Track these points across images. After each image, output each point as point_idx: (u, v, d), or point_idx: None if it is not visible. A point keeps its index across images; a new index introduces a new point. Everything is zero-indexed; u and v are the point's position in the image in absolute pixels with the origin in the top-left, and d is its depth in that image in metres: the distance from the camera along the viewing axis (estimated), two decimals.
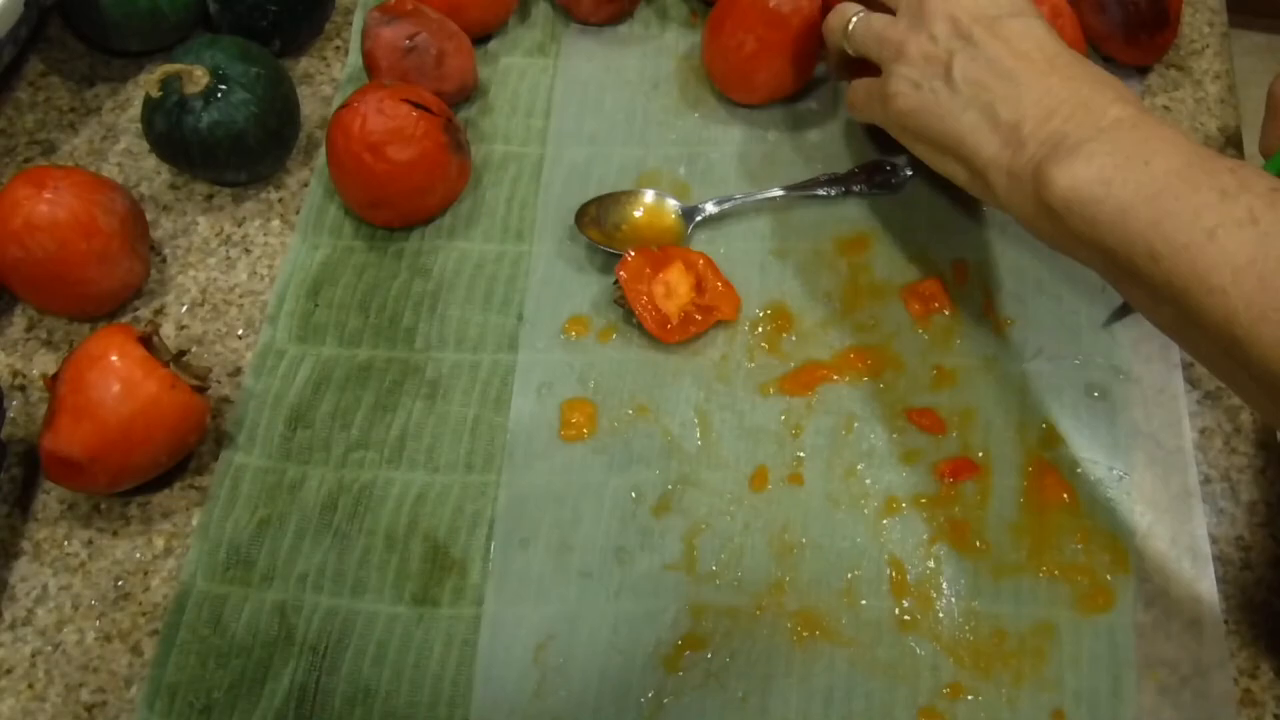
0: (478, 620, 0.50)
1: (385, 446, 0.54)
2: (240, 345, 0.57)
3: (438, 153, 0.57)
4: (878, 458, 0.53)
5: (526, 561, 0.51)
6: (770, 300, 0.58)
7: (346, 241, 0.60)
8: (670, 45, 0.67)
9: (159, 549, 0.52)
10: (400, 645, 0.49)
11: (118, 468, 0.50)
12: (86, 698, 0.49)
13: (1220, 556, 0.51)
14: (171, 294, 0.59)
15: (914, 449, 0.53)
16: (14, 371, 0.57)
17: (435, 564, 0.51)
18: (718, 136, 0.63)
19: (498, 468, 0.53)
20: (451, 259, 0.59)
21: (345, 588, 0.51)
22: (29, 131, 0.65)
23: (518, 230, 0.60)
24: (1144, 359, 0.55)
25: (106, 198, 0.55)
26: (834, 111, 0.64)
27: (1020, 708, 0.47)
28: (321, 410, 0.55)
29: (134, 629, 0.50)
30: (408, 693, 0.48)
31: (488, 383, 0.56)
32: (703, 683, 0.48)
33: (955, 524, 0.51)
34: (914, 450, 0.53)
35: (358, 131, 0.56)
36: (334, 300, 0.58)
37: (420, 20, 0.60)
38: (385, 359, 0.57)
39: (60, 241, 0.53)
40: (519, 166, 0.62)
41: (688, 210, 0.60)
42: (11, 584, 0.51)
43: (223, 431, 0.55)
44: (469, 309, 0.58)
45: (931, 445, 0.53)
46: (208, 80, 0.57)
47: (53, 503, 0.53)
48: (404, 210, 0.59)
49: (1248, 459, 0.53)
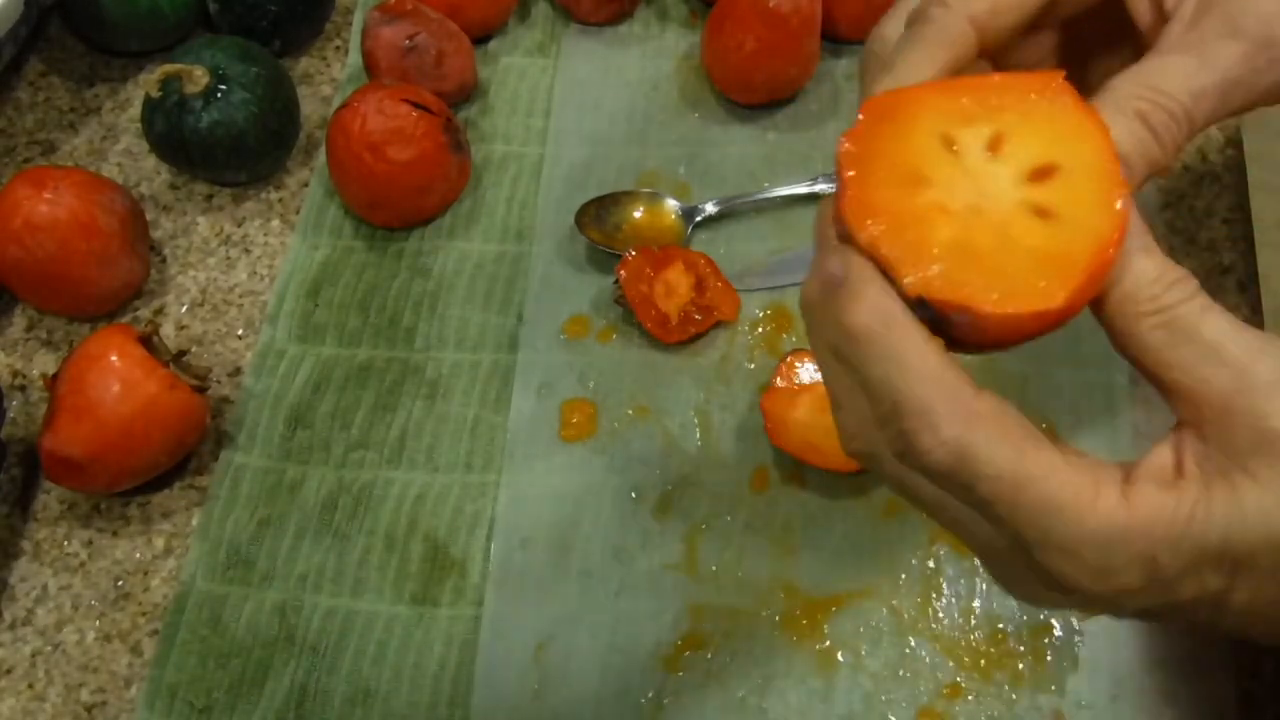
0: (478, 620, 0.50)
1: (385, 446, 0.54)
2: (240, 345, 0.57)
3: (438, 153, 0.57)
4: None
5: (526, 561, 0.51)
6: (770, 300, 0.58)
7: (346, 241, 0.60)
8: (670, 45, 0.67)
9: (159, 549, 0.52)
10: (400, 645, 0.49)
11: (118, 468, 0.50)
12: (86, 698, 0.49)
13: None
14: (171, 294, 0.59)
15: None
16: (14, 371, 0.57)
17: (435, 564, 0.51)
18: (718, 137, 0.63)
19: (498, 468, 0.53)
20: (451, 259, 0.59)
21: (345, 588, 0.51)
22: (29, 131, 0.65)
23: (518, 230, 0.60)
24: None
25: (106, 198, 0.55)
26: (834, 111, 0.64)
27: (1020, 708, 0.47)
28: (321, 410, 0.55)
29: (134, 629, 0.50)
30: (407, 693, 0.48)
31: (488, 383, 0.56)
32: (703, 683, 0.48)
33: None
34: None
35: (358, 131, 0.56)
36: (334, 300, 0.58)
37: (420, 20, 0.60)
38: (385, 359, 0.57)
39: (60, 241, 0.53)
40: (519, 167, 0.62)
41: (688, 210, 0.60)
42: (11, 584, 0.51)
43: (223, 431, 0.55)
44: (469, 309, 0.58)
45: None
46: (208, 80, 0.57)
47: (53, 503, 0.53)
48: (404, 210, 0.59)
49: None
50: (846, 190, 0.29)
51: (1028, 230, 0.28)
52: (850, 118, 0.35)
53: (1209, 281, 0.57)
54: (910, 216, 0.29)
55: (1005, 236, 0.28)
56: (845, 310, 0.29)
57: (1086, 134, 0.30)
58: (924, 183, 0.29)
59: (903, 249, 0.28)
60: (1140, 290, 0.29)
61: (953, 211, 0.29)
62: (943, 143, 0.30)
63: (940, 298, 0.28)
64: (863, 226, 0.29)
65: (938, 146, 0.30)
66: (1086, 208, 0.29)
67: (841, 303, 0.29)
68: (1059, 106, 0.30)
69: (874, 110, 0.30)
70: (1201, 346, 0.28)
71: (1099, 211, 0.28)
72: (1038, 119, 0.30)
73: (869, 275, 0.29)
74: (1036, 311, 0.27)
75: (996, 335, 0.28)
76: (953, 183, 0.29)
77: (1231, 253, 0.58)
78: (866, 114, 0.30)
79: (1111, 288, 0.29)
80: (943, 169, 0.30)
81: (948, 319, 0.28)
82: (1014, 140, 0.30)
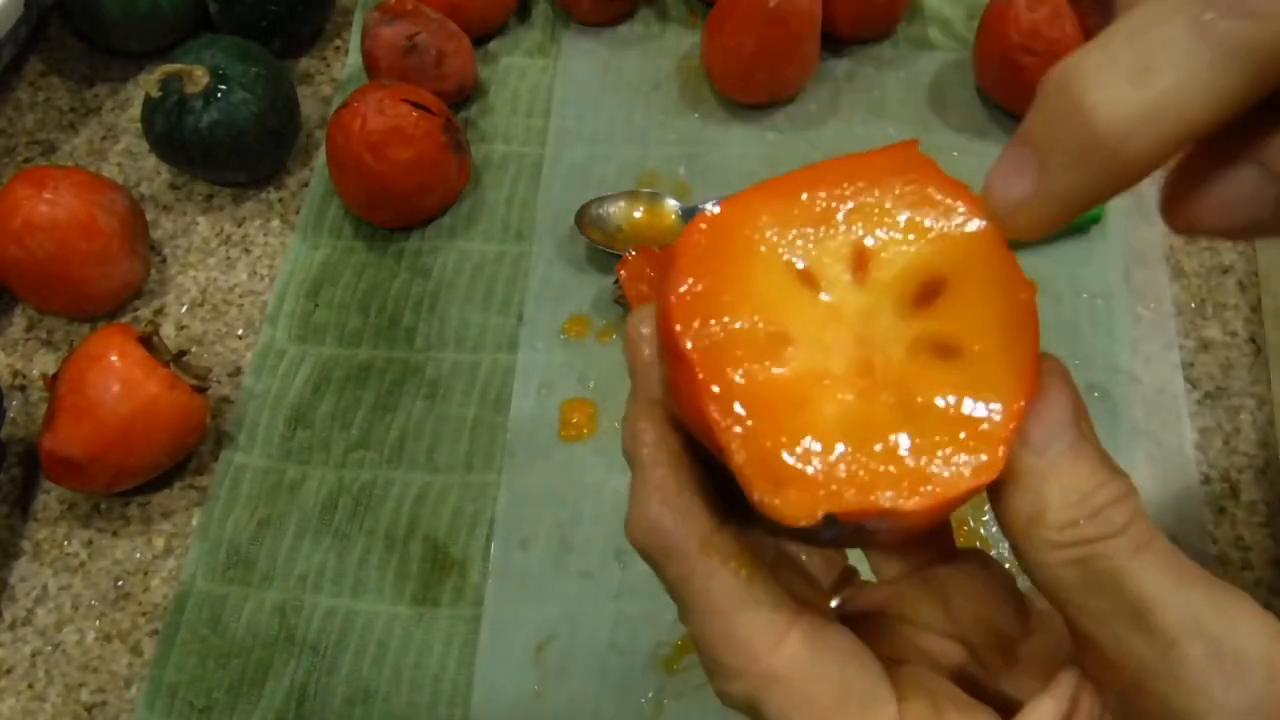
0: (477, 620, 0.50)
1: (385, 447, 0.54)
2: (240, 345, 0.57)
3: (437, 153, 0.57)
4: None
5: (526, 562, 0.51)
6: None
7: (346, 241, 0.60)
8: (670, 45, 0.67)
9: (159, 549, 0.52)
10: (400, 645, 0.49)
11: (118, 468, 0.50)
12: (86, 698, 0.49)
13: (1220, 556, 0.51)
14: (171, 294, 0.59)
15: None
16: (14, 371, 0.57)
17: (435, 564, 0.51)
18: (718, 137, 0.63)
19: (498, 468, 0.53)
20: (451, 259, 0.59)
21: (345, 588, 0.51)
22: (29, 131, 0.65)
23: (518, 230, 0.60)
24: (1144, 359, 0.55)
25: (106, 198, 0.55)
26: (834, 111, 0.64)
27: None
28: (321, 410, 0.55)
29: (134, 629, 0.50)
30: (407, 693, 0.48)
31: (488, 383, 0.56)
32: (703, 683, 0.48)
33: (956, 523, 0.51)
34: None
35: (358, 131, 0.56)
36: (334, 300, 0.58)
37: (420, 20, 0.60)
38: (385, 359, 0.57)
39: (60, 241, 0.53)
40: (519, 167, 0.62)
41: (688, 210, 0.60)
42: (11, 584, 0.51)
43: (223, 431, 0.55)
44: (469, 309, 0.58)
45: None
46: (208, 80, 0.57)
47: (53, 503, 0.53)
48: (404, 210, 0.59)
49: (1248, 459, 0.53)
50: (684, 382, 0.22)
51: (934, 381, 0.22)
52: (850, 116, 0.33)
53: (1209, 280, 0.57)
54: (783, 402, 0.21)
55: (909, 397, 0.22)
56: (630, 518, 0.23)
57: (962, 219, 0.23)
58: (786, 343, 0.22)
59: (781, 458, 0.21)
60: (1055, 514, 0.21)
61: (836, 378, 0.22)
62: (796, 275, 0.23)
63: (853, 509, 0.21)
64: (725, 433, 0.21)
65: (791, 282, 0.23)
66: (994, 331, 0.22)
67: (631, 504, 0.23)
68: (925, 189, 0.23)
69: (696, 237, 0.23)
70: (1123, 602, 0.21)
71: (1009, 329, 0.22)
72: (902, 213, 0.23)
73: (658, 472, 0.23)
74: (974, 488, 0.21)
75: (924, 528, 0.22)
76: (825, 334, 0.22)
77: (1232, 252, 0.58)
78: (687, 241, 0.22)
79: (1016, 494, 0.22)
80: (804, 316, 0.22)
81: (863, 531, 0.21)
82: (883, 251, 0.23)
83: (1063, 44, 0.58)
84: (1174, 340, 0.56)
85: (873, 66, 0.65)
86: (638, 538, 0.23)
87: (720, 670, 0.23)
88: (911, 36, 0.66)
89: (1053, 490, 0.21)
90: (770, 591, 0.23)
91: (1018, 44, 0.58)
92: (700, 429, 0.22)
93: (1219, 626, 0.20)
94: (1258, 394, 0.54)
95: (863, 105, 0.64)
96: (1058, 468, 0.21)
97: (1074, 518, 0.21)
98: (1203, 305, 0.57)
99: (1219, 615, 0.21)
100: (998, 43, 0.59)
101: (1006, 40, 0.58)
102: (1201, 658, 0.20)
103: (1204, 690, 0.20)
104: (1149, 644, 0.21)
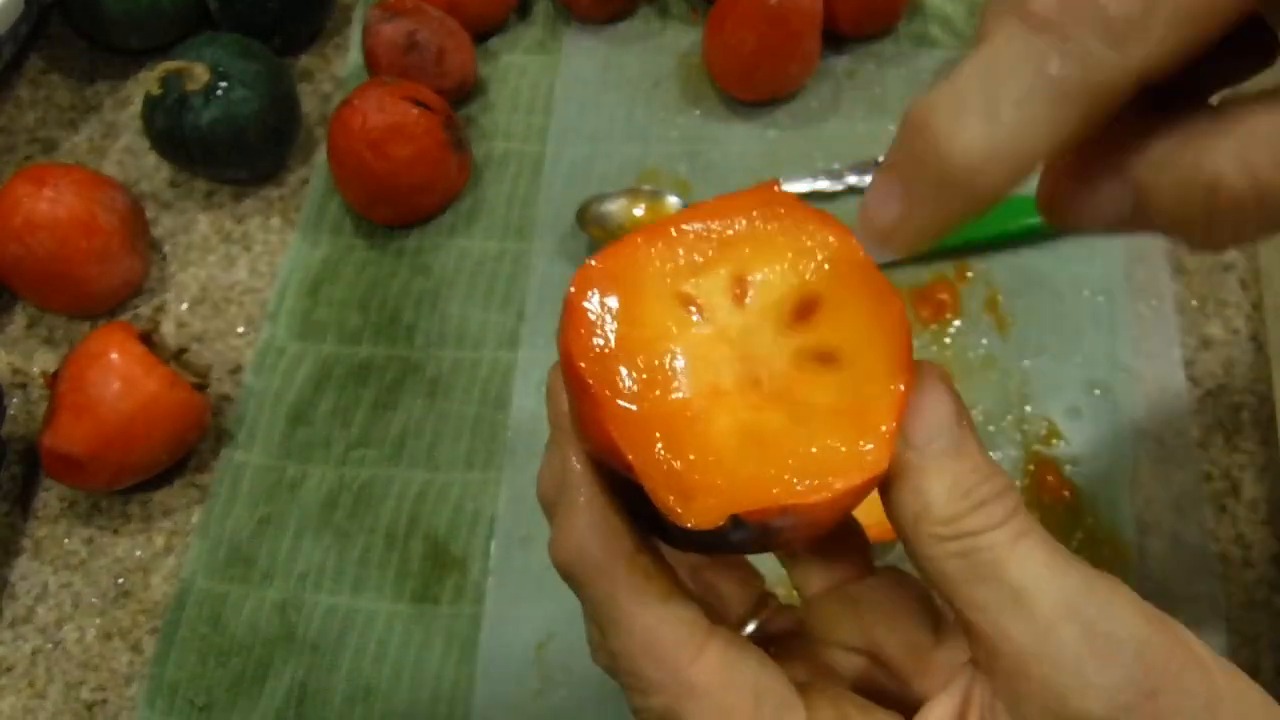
0: (478, 618, 0.50)
1: (385, 444, 0.54)
2: (240, 343, 0.57)
3: (438, 150, 0.57)
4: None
5: (527, 559, 0.51)
6: None
7: (347, 239, 0.60)
8: (671, 43, 0.67)
9: (159, 547, 0.52)
10: (401, 643, 0.49)
11: (118, 465, 0.50)
12: (87, 696, 0.49)
13: (1221, 554, 0.51)
14: (172, 291, 0.59)
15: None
16: (14, 369, 0.57)
17: (436, 562, 0.51)
18: (719, 134, 0.63)
19: (498, 465, 0.53)
20: (452, 257, 0.59)
21: (345, 586, 0.51)
22: (29, 129, 0.65)
23: (518, 228, 0.60)
24: (1146, 356, 0.55)
25: (107, 195, 0.55)
26: (835, 109, 0.64)
27: None
28: (322, 408, 0.55)
29: (134, 627, 0.50)
30: (408, 691, 0.48)
31: (488, 380, 0.56)
32: None
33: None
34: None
35: (358, 129, 0.55)
36: (334, 298, 0.58)
37: (421, 17, 0.60)
38: (385, 357, 0.56)
39: (60, 239, 0.53)
40: (519, 164, 0.62)
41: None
42: (12, 582, 0.51)
43: (223, 429, 0.55)
44: (469, 307, 0.58)
45: None
46: (208, 77, 0.57)
47: (53, 500, 0.53)
48: (404, 208, 0.59)
49: (1249, 456, 0.53)
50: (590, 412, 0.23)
51: (818, 385, 0.24)
52: (851, 113, 0.34)
53: (1210, 279, 0.57)
54: (681, 419, 0.23)
55: (796, 403, 0.23)
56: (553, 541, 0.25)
57: (827, 243, 0.25)
58: (678, 367, 0.24)
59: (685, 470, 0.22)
60: (939, 509, 0.23)
61: (727, 392, 0.24)
62: (682, 304, 0.24)
63: (756, 509, 0.22)
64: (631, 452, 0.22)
65: (677, 312, 0.24)
66: (869, 337, 0.24)
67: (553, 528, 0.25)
68: (787, 222, 0.25)
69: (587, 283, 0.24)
70: (1004, 590, 0.22)
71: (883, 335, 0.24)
72: (771, 243, 0.25)
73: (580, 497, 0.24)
74: (866, 480, 0.23)
75: (827, 523, 0.24)
76: (713, 355, 0.24)
77: (1233, 250, 0.58)
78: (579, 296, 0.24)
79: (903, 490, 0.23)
80: (693, 341, 0.24)
81: (769, 530, 0.23)
82: (758, 276, 0.25)
83: None
84: (1175, 338, 0.56)
85: (874, 64, 0.65)
86: (564, 559, 0.24)
87: (640, 685, 0.24)
88: (912, 33, 0.66)
89: (936, 486, 0.23)
90: (688, 607, 0.24)
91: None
92: (611, 454, 0.23)
93: (1093, 610, 0.22)
94: (1259, 391, 0.54)
95: (864, 102, 0.64)
96: (940, 464, 0.23)
97: (957, 512, 0.23)
98: (1204, 303, 0.57)
99: (1093, 599, 0.22)
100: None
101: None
102: (1076, 639, 0.21)
103: (1079, 670, 0.21)
104: (1028, 629, 0.22)
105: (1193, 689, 0.22)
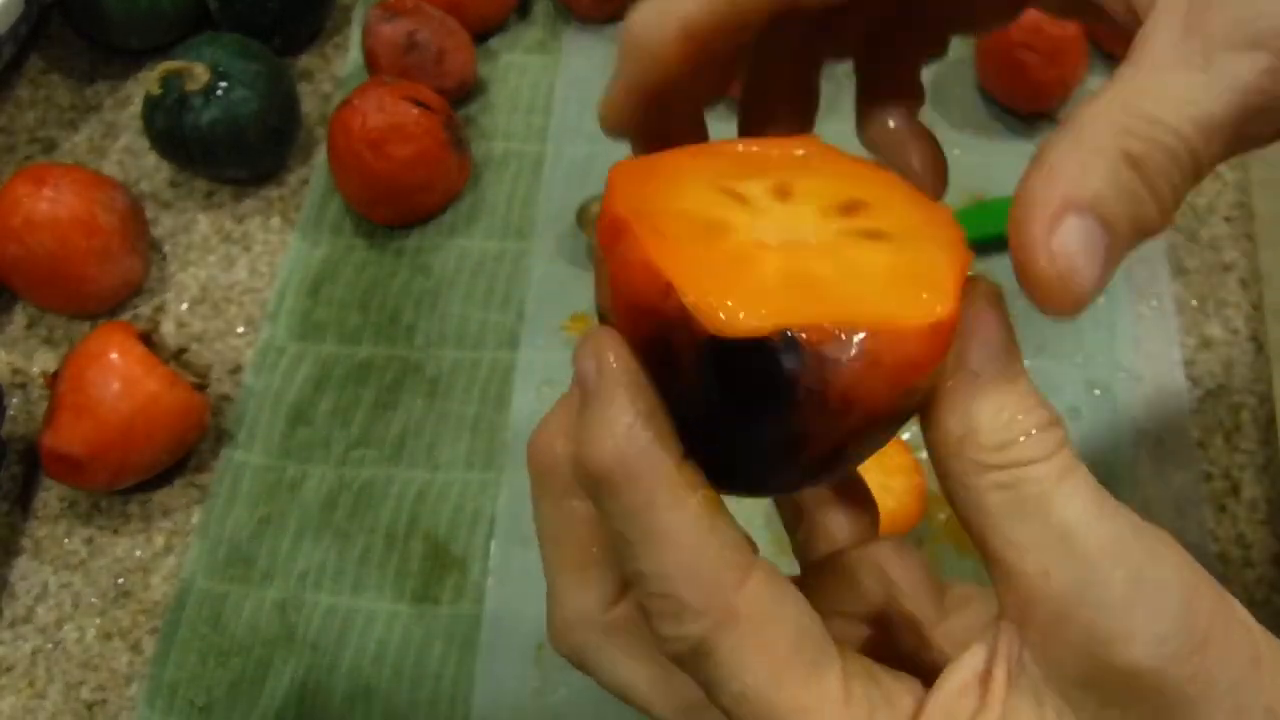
0: (478, 618, 0.50)
1: (385, 444, 0.54)
2: (240, 343, 0.57)
3: (438, 150, 0.57)
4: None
5: (527, 559, 0.51)
6: None
7: (347, 239, 0.60)
8: None
9: (159, 547, 0.52)
10: (400, 643, 0.49)
11: (118, 465, 0.50)
12: (87, 695, 0.49)
13: (1221, 554, 0.51)
14: (171, 291, 0.59)
15: (915, 447, 0.53)
16: (14, 369, 0.57)
17: (436, 562, 0.51)
18: (718, 134, 0.63)
19: (498, 465, 0.53)
20: (452, 257, 0.59)
21: (345, 586, 0.51)
22: (29, 129, 0.65)
23: (518, 228, 0.60)
24: (1146, 356, 0.55)
25: (107, 195, 0.55)
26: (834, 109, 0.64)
27: None
28: (322, 408, 0.55)
29: (134, 627, 0.50)
30: (408, 691, 0.48)
31: (488, 380, 0.56)
32: None
33: (956, 522, 0.51)
34: (915, 449, 0.53)
35: (358, 129, 0.55)
36: (334, 298, 0.58)
37: (421, 17, 0.60)
38: (385, 357, 0.56)
39: (60, 239, 0.53)
40: (519, 164, 0.62)
41: None
42: (12, 582, 0.51)
43: (223, 429, 0.55)
44: (469, 307, 0.58)
45: None
46: (208, 77, 0.57)
47: (53, 500, 0.53)
48: (404, 207, 0.59)
49: (1249, 456, 0.53)
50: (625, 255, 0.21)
51: (868, 250, 0.22)
52: (851, 114, 0.34)
53: (1210, 278, 0.57)
54: (726, 257, 0.22)
55: (844, 259, 0.22)
56: (588, 436, 0.21)
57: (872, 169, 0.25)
58: (725, 228, 0.23)
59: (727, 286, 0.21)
60: (987, 434, 0.21)
61: (772, 246, 0.22)
62: (726, 194, 0.24)
63: (812, 324, 0.20)
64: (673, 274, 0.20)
65: (723, 197, 0.23)
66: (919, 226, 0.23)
67: (586, 422, 0.21)
68: (829, 158, 0.25)
69: (626, 174, 0.23)
70: (1049, 529, 0.21)
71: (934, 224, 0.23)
72: (814, 171, 0.24)
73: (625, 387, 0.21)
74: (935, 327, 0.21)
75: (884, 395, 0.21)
76: (756, 224, 0.23)
77: (1234, 250, 0.58)
78: (618, 178, 0.23)
79: (947, 412, 0.22)
80: (739, 215, 0.23)
81: (823, 362, 0.20)
82: (801, 187, 0.24)
83: (1065, 42, 0.58)
84: (1175, 338, 0.56)
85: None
86: (598, 459, 0.21)
87: (674, 609, 0.21)
88: None
89: (985, 410, 0.21)
90: (733, 526, 0.22)
91: (1019, 42, 0.58)
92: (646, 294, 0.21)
93: (1141, 555, 0.21)
94: (1259, 391, 0.54)
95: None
96: (991, 388, 0.21)
97: (1006, 439, 0.21)
98: (1204, 303, 0.57)
99: (1141, 544, 0.21)
100: (999, 41, 0.59)
101: (1008, 38, 0.58)
102: (1124, 583, 0.20)
103: (1128, 616, 0.20)
104: (1074, 571, 0.20)
105: (1238, 644, 0.21)
